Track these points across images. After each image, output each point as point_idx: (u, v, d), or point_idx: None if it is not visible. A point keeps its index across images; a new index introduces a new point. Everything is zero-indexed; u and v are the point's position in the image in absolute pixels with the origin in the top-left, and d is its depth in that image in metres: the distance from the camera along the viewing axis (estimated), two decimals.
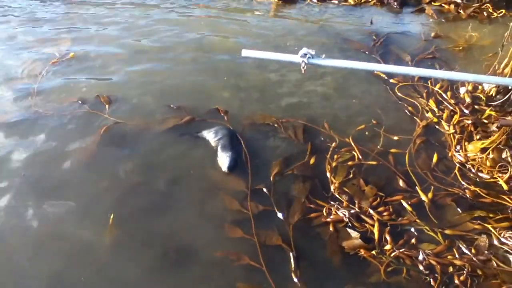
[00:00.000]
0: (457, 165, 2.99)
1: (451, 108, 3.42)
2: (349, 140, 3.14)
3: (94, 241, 2.54)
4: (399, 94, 3.59)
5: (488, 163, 2.95)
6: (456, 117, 3.31)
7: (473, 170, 2.96)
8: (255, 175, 2.88)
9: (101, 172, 2.93)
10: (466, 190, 2.80)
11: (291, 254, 2.44)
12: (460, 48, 4.28)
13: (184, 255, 2.47)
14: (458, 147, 3.11)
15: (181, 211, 2.70)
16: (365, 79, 3.80)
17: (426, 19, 4.88)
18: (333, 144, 3.10)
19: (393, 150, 3.08)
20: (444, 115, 3.35)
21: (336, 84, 3.77)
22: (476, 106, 3.41)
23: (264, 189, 2.79)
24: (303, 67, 2.59)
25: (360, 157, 3.01)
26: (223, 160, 2.92)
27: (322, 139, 3.17)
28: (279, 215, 2.65)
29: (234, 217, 2.64)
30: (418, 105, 3.48)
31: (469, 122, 3.25)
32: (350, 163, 2.97)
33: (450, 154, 3.09)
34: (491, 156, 2.95)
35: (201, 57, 4.11)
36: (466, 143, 3.11)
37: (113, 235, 2.55)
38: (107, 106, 3.45)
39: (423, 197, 2.74)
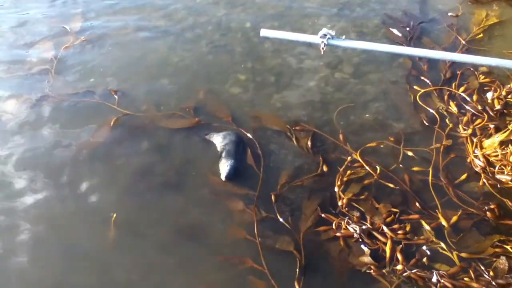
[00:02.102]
0: (480, 174, 2.74)
1: (472, 111, 3.11)
2: (356, 155, 2.88)
3: (108, 217, 2.59)
4: (419, 102, 3.26)
5: (511, 159, 2.70)
6: (479, 120, 3.02)
7: (491, 174, 2.72)
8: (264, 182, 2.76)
9: (108, 162, 2.92)
10: (487, 212, 2.54)
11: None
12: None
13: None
14: (477, 150, 2.85)
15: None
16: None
17: None
18: (348, 158, 2.87)
19: (415, 168, 2.81)
20: (465, 119, 3.06)
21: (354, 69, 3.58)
22: (505, 111, 3.10)
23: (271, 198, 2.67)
24: (323, 48, 2.49)
25: (374, 174, 2.77)
26: (223, 168, 2.80)
27: (336, 153, 2.95)
28: (287, 225, 2.54)
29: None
30: (437, 113, 3.15)
31: (492, 126, 2.96)
32: (366, 181, 2.73)
33: (469, 160, 2.84)
34: None
35: (219, 37, 3.95)
36: (484, 139, 2.87)
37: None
38: (116, 97, 3.34)
39: (443, 222, 2.50)
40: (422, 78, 3.42)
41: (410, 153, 2.88)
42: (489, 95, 3.21)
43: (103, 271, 2.40)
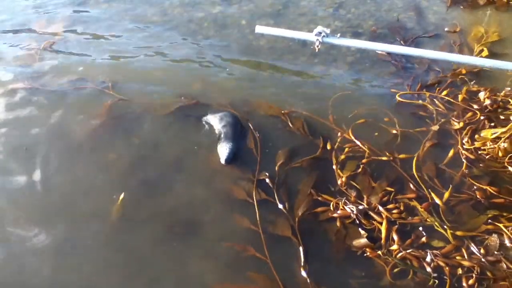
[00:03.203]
0: (465, 162, 2.75)
1: (462, 108, 3.12)
2: (349, 134, 2.90)
3: (102, 212, 2.54)
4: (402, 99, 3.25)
5: (500, 154, 2.74)
6: (470, 114, 3.03)
7: (481, 161, 2.74)
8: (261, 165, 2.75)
9: (106, 147, 2.88)
10: (476, 192, 2.57)
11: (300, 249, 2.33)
12: None
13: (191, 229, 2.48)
14: (465, 141, 2.86)
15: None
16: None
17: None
18: (339, 134, 2.91)
19: (401, 156, 2.79)
20: (455, 113, 3.07)
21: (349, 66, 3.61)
22: (498, 106, 3.10)
23: (268, 180, 2.65)
24: (317, 46, 2.48)
25: (366, 149, 2.79)
26: (222, 151, 2.77)
27: (331, 134, 2.96)
28: (284, 209, 2.52)
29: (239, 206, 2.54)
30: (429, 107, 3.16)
31: (482, 118, 2.99)
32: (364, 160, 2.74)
33: (457, 149, 2.84)
34: (503, 145, 2.72)
35: (214, 33, 3.96)
36: (476, 135, 2.88)
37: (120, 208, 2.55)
38: (110, 84, 3.32)
39: (437, 200, 2.52)
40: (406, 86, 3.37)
41: (394, 131, 2.90)
42: (481, 94, 3.20)
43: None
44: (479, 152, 2.80)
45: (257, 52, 3.73)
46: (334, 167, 2.70)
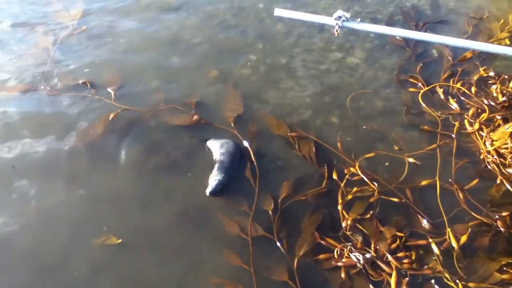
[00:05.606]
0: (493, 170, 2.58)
1: (475, 105, 2.96)
2: (355, 167, 2.66)
3: (114, 193, 2.59)
4: (422, 103, 3.05)
5: None
6: (484, 115, 2.86)
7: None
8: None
9: (106, 156, 2.81)
10: (498, 221, 2.37)
11: None
12: None
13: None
14: (488, 144, 2.71)
15: None
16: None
17: None
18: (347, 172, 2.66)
19: (424, 183, 2.59)
20: (470, 112, 2.90)
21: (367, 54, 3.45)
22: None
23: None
24: (337, 30, 2.42)
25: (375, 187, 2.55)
26: (211, 182, 2.55)
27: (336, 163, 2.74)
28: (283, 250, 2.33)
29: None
30: (436, 116, 2.95)
31: (499, 117, 2.84)
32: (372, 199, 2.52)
33: (482, 157, 2.69)
34: None
35: (230, 18, 3.81)
36: (491, 133, 2.74)
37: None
38: (112, 91, 3.20)
39: (453, 242, 2.30)
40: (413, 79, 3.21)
41: (411, 160, 2.71)
42: (494, 87, 3.07)
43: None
44: (500, 152, 2.63)
45: (274, 37, 3.58)
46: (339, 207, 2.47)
